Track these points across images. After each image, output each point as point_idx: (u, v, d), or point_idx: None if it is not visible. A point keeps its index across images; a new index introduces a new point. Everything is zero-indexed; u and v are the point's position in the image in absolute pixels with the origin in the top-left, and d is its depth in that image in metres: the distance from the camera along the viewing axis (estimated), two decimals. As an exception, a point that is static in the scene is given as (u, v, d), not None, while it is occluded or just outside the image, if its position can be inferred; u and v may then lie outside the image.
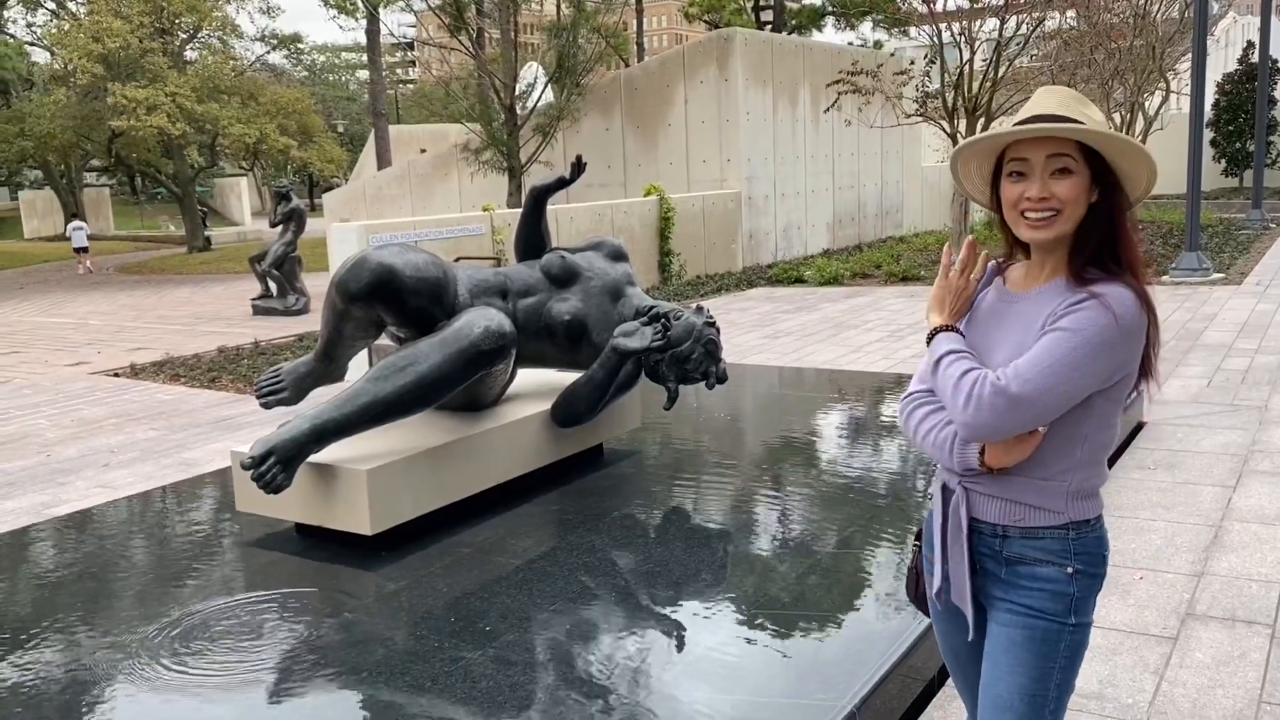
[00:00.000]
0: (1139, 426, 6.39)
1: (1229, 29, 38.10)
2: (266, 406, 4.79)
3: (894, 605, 3.44)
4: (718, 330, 4.80)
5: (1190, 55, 16.08)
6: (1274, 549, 4.38)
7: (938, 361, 2.02)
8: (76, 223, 30.33)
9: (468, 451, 4.36)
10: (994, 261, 2.19)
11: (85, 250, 28.53)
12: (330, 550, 4.08)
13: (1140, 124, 19.76)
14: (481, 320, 4.03)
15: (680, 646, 3.21)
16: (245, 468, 3.79)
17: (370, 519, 3.91)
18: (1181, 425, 6.45)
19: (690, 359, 4.68)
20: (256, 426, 7.44)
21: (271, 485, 3.75)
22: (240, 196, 47.18)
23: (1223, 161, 30.29)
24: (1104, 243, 2.02)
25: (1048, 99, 2.03)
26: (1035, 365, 1.90)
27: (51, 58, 32.54)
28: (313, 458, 3.90)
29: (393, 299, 4.00)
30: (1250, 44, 30.13)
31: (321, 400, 4.06)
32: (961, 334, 2.06)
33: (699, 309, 4.83)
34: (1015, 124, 2.01)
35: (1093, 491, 2.03)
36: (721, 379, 4.76)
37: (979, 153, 2.08)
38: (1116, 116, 18.87)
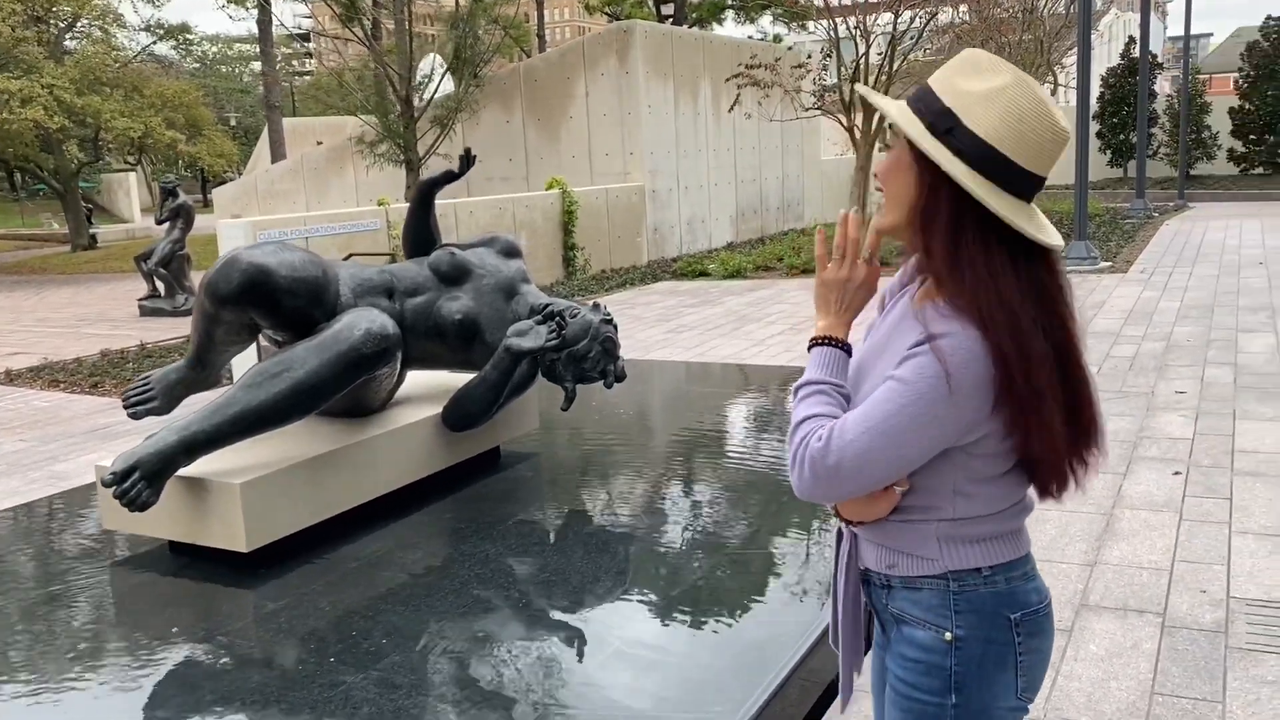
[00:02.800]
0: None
1: (1112, 24, 39.56)
2: (135, 417, 4.51)
3: (795, 605, 3.37)
4: (615, 328, 4.68)
5: (1076, 49, 16.54)
6: (1162, 536, 4.46)
7: (796, 390, 1.69)
8: None
9: (352, 460, 4.16)
10: None
11: None
12: (205, 569, 3.85)
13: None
14: (363, 322, 3.84)
15: (580, 657, 3.08)
16: (106, 484, 3.54)
17: (245, 535, 3.69)
18: (1074, 413, 6.57)
19: (587, 358, 4.55)
20: (135, 435, 7.07)
21: (136, 502, 3.51)
22: (129, 193, 45.43)
23: (1108, 153, 31.44)
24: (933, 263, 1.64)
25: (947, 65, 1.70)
26: (860, 425, 1.57)
27: (-84, 46, 30.82)
28: (183, 471, 3.67)
29: (266, 301, 3.78)
30: (1132, 39, 31.28)
31: (193, 409, 3.82)
32: (844, 346, 1.72)
33: (595, 306, 4.71)
34: None
35: (978, 537, 1.68)
36: (620, 377, 4.65)
37: None
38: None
